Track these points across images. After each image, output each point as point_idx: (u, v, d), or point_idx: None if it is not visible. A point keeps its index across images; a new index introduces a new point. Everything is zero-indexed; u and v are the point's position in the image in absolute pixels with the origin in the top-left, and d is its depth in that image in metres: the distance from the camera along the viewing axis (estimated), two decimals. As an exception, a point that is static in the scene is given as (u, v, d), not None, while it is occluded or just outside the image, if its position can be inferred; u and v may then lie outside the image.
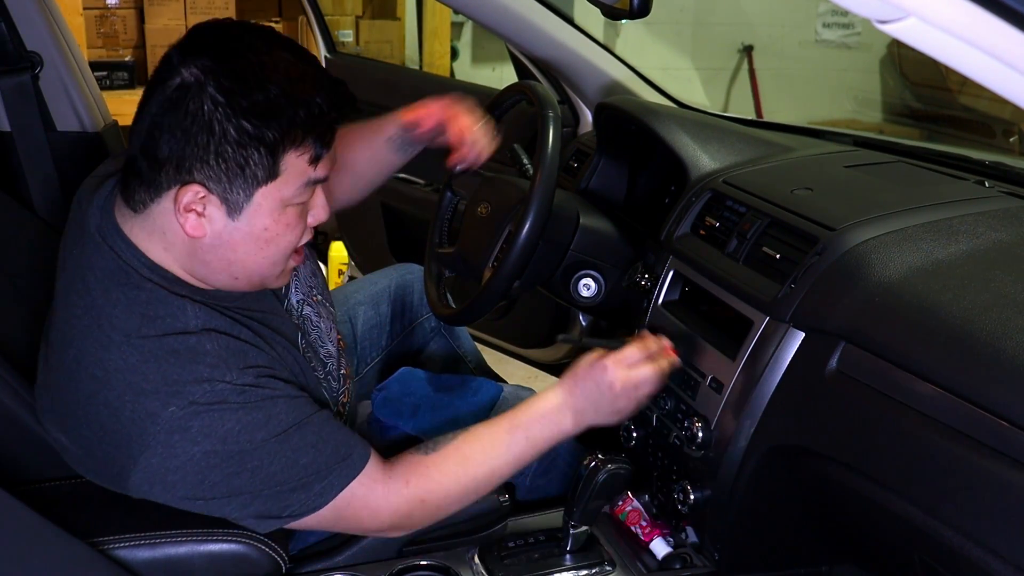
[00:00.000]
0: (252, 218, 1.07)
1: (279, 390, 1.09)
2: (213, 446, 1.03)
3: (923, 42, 0.68)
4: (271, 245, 1.10)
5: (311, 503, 1.10)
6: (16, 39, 1.81)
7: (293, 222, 1.10)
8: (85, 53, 3.21)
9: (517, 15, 1.90)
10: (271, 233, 1.09)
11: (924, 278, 1.07)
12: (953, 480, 0.94)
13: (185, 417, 1.02)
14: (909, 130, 4.78)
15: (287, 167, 1.06)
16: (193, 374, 1.04)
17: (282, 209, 1.08)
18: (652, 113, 1.61)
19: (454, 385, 1.54)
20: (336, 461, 1.11)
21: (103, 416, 1.05)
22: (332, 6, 4.33)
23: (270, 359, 1.13)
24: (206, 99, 1.01)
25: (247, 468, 1.05)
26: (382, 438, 1.45)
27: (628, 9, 1.31)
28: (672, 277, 1.43)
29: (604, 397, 1.25)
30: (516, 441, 1.22)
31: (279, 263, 1.14)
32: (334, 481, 1.11)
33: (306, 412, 1.11)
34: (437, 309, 1.58)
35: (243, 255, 1.09)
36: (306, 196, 1.10)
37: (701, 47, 5.19)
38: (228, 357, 1.07)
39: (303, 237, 1.15)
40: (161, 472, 1.04)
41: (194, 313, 1.08)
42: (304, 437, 1.09)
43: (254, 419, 1.05)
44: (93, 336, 1.06)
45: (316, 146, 1.07)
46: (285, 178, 1.06)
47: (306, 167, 1.07)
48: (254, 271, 1.12)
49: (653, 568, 1.37)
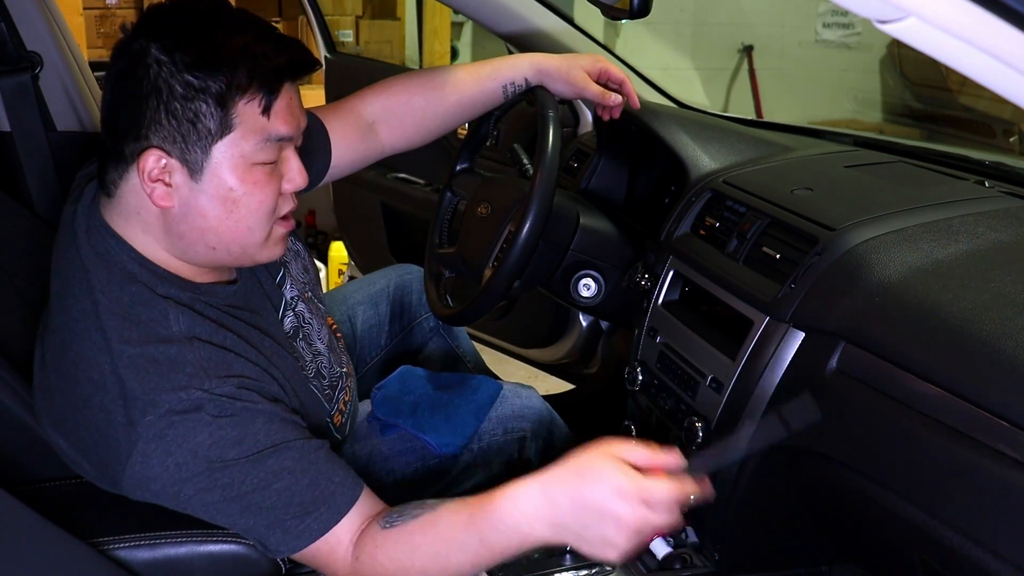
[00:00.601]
0: (215, 178, 1.05)
1: (260, 406, 1.06)
2: (185, 458, 1.02)
3: (923, 42, 0.68)
4: (240, 207, 1.07)
5: (290, 544, 1.06)
6: (16, 39, 1.80)
7: (261, 181, 1.08)
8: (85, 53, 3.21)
9: (517, 15, 1.90)
10: (237, 193, 1.07)
11: (924, 278, 1.07)
12: (953, 480, 0.94)
13: (162, 426, 1.02)
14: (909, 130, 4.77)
15: (239, 118, 1.04)
16: (171, 383, 1.03)
17: (246, 167, 1.06)
18: (652, 113, 1.62)
19: (454, 383, 1.54)
20: (314, 497, 1.05)
21: (99, 419, 1.05)
22: (332, 6, 4.33)
23: (257, 371, 1.11)
24: (151, 61, 1.01)
25: (219, 485, 1.03)
26: (382, 436, 1.45)
27: (628, 9, 1.31)
28: (672, 277, 1.43)
29: (602, 527, 0.94)
30: (468, 543, 1.00)
31: (256, 229, 1.10)
32: (312, 525, 1.05)
33: (287, 436, 1.06)
34: (437, 309, 1.58)
35: (214, 221, 1.07)
36: (270, 154, 1.08)
37: (701, 47, 5.19)
38: (209, 367, 1.05)
39: (283, 205, 1.12)
40: (144, 480, 1.04)
41: (176, 319, 1.07)
42: (280, 462, 1.04)
43: (228, 435, 1.03)
44: (90, 339, 1.06)
45: (264, 93, 1.04)
46: (241, 132, 1.04)
47: (260, 118, 1.05)
48: (231, 238, 1.09)
49: (653, 568, 1.37)
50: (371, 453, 1.43)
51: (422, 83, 1.48)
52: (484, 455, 1.45)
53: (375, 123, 1.46)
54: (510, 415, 1.49)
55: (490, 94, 1.49)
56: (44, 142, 1.83)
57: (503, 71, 1.49)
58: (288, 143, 1.10)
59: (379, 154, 1.49)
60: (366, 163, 1.49)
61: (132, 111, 1.03)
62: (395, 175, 2.54)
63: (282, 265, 1.30)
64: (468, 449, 1.44)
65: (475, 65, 1.51)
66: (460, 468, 1.44)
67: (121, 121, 1.04)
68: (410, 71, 1.53)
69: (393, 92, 1.47)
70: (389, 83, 1.48)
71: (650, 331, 1.43)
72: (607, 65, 1.51)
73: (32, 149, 1.82)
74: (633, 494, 0.93)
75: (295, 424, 1.10)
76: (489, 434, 1.46)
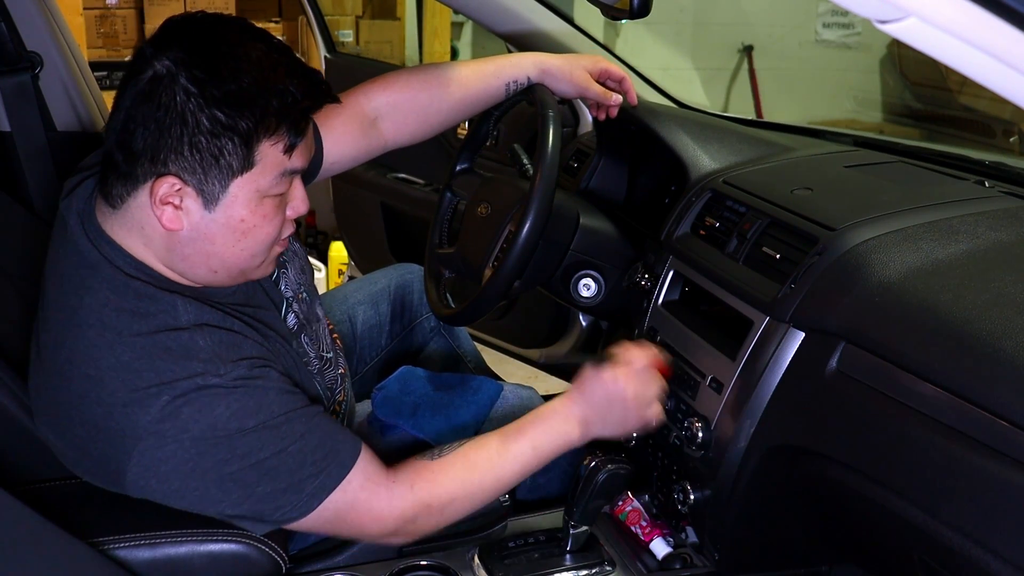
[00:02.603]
0: (228, 209, 1.06)
1: (272, 381, 1.09)
2: (203, 432, 1.03)
3: (923, 42, 0.68)
4: (248, 237, 1.09)
5: (303, 505, 1.09)
6: (16, 39, 1.81)
7: (270, 214, 1.10)
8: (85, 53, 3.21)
9: (517, 15, 1.90)
10: (248, 224, 1.08)
11: (924, 278, 1.07)
12: (953, 480, 0.94)
13: (176, 406, 1.02)
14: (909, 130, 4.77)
15: (262, 157, 1.05)
16: (186, 370, 1.04)
17: (259, 200, 1.08)
18: (652, 113, 1.61)
19: (454, 384, 1.54)
20: (324, 456, 1.10)
21: (96, 414, 1.05)
22: (332, 6, 4.33)
23: (264, 351, 1.12)
24: (178, 90, 1.01)
25: (237, 454, 1.04)
26: (382, 437, 1.45)
27: (628, 9, 1.32)
28: (672, 277, 1.43)
29: (613, 409, 1.25)
30: (522, 449, 1.21)
31: (258, 255, 1.13)
32: (325, 481, 1.09)
33: (296, 404, 1.10)
34: (437, 309, 1.58)
35: (221, 247, 1.09)
36: (283, 187, 1.10)
37: (701, 47, 5.19)
38: (221, 351, 1.07)
39: (283, 229, 1.14)
40: (154, 463, 1.04)
41: (184, 309, 1.08)
42: (293, 428, 1.08)
43: (244, 406, 1.05)
44: (84, 336, 1.06)
45: (290, 135, 1.06)
46: (261, 168, 1.06)
47: (281, 156, 1.06)
48: (233, 264, 1.11)
49: (653, 568, 1.37)
50: (371, 453, 1.43)
51: (426, 79, 1.49)
52: (484, 455, 1.45)
53: (378, 118, 1.46)
54: (510, 415, 1.49)
55: (493, 91, 1.50)
56: (44, 142, 1.84)
57: (506, 69, 1.49)
58: (299, 173, 1.12)
59: (381, 149, 1.49)
60: (367, 157, 1.50)
61: (152, 136, 1.02)
62: (395, 175, 2.54)
63: (280, 265, 1.30)
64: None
65: (478, 62, 1.52)
66: (460, 468, 1.44)
67: (138, 142, 1.03)
68: (409, 67, 1.53)
69: (397, 88, 1.48)
70: (392, 78, 1.49)
71: (650, 331, 1.43)
72: (607, 65, 1.51)
73: (32, 149, 1.82)
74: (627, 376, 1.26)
75: (299, 394, 1.13)
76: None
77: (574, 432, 1.24)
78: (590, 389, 1.26)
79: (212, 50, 1.03)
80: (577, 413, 1.24)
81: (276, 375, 1.11)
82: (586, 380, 1.27)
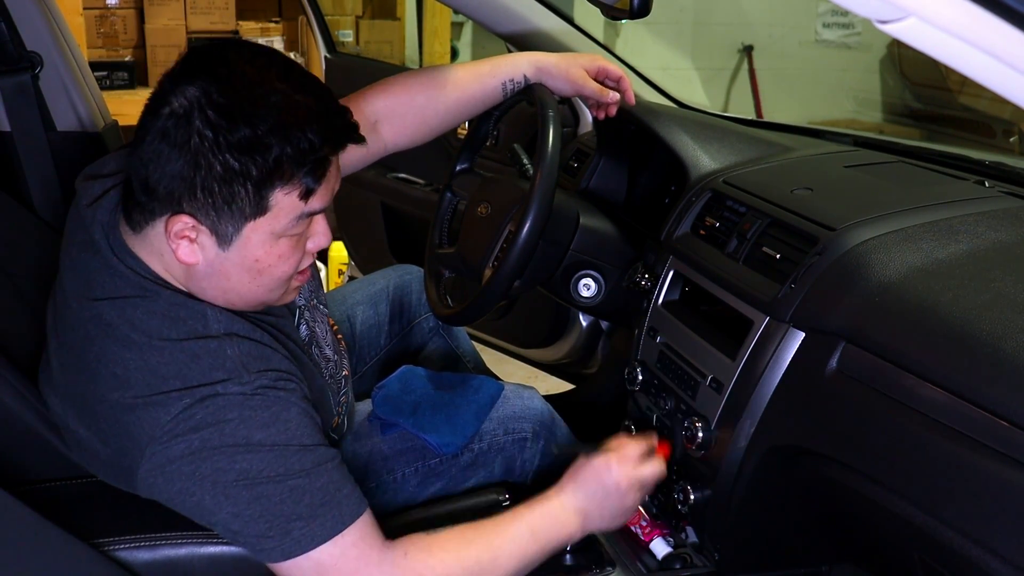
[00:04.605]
0: (242, 250, 1.06)
1: (295, 397, 1.08)
2: (211, 434, 1.02)
3: (923, 42, 0.68)
4: (264, 275, 1.09)
5: (288, 548, 1.04)
6: (16, 39, 1.81)
7: (287, 253, 1.08)
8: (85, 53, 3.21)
9: (517, 15, 1.90)
10: (263, 264, 1.08)
11: (924, 278, 1.07)
12: (953, 480, 0.94)
13: (193, 407, 1.03)
14: (909, 130, 4.77)
15: (276, 203, 1.04)
16: (210, 377, 1.04)
17: (274, 241, 1.07)
18: (652, 113, 1.61)
19: (455, 383, 1.54)
20: (323, 502, 1.05)
21: (119, 412, 1.05)
22: (332, 6, 4.33)
23: (291, 365, 1.12)
24: (193, 132, 0.99)
25: (235, 467, 1.03)
26: (382, 435, 1.44)
27: (628, 9, 1.32)
28: (672, 277, 1.43)
29: (610, 498, 1.23)
30: (519, 531, 1.17)
31: (276, 290, 1.12)
32: (317, 530, 1.05)
33: (315, 440, 1.08)
34: (437, 309, 1.57)
35: (236, 283, 1.09)
36: (301, 228, 1.08)
37: (701, 47, 5.19)
38: (248, 361, 1.06)
39: (302, 263, 1.13)
40: (163, 461, 1.04)
41: (215, 317, 1.08)
42: (301, 462, 1.05)
43: (258, 416, 1.04)
44: (114, 336, 1.06)
45: (308, 181, 1.04)
46: (275, 213, 1.04)
47: (296, 202, 1.05)
48: (250, 298, 1.11)
49: (653, 568, 1.37)
50: (371, 452, 1.43)
51: (423, 81, 1.49)
52: (485, 455, 1.45)
53: (377, 122, 1.46)
54: (511, 416, 1.49)
55: (490, 91, 1.49)
56: (44, 142, 1.83)
57: (502, 68, 1.49)
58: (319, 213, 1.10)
59: (381, 152, 1.49)
60: (369, 162, 1.50)
61: (167, 175, 1.01)
62: (395, 175, 2.54)
63: None
64: (469, 449, 1.44)
65: (475, 63, 1.52)
66: (460, 468, 1.44)
67: (152, 178, 1.02)
68: (410, 70, 1.53)
69: (395, 91, 1.48)
70: (390, 82, 1.49)
71: (650, 331, 1.43)
72: (605, 63, 1.51)
73: (32, 149, 1.82)
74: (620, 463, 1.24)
75: (319, 427, 1.11)
76: (490, 434, 1.46)
77: (572, 522, 1.21)
78: (583, 478, 1.23)
79: (231, 90, 1.00)
80: (572, 502, 1.21)
81: (300, 395, 1.09)
82: (579, 469, 1.24)
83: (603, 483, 1.22)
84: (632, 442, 1.28)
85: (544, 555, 1.18)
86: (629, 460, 1.25)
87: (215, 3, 4.32)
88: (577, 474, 1.24)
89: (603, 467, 1.23)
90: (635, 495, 1.25)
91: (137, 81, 4.23)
